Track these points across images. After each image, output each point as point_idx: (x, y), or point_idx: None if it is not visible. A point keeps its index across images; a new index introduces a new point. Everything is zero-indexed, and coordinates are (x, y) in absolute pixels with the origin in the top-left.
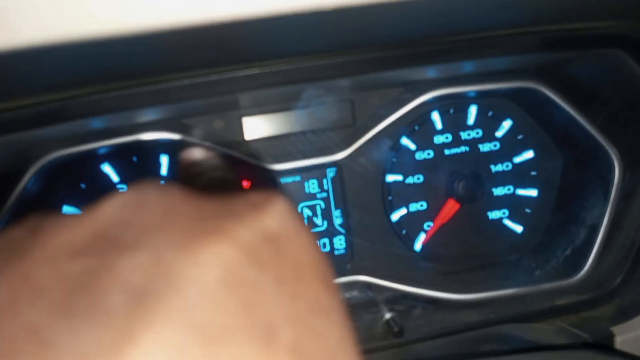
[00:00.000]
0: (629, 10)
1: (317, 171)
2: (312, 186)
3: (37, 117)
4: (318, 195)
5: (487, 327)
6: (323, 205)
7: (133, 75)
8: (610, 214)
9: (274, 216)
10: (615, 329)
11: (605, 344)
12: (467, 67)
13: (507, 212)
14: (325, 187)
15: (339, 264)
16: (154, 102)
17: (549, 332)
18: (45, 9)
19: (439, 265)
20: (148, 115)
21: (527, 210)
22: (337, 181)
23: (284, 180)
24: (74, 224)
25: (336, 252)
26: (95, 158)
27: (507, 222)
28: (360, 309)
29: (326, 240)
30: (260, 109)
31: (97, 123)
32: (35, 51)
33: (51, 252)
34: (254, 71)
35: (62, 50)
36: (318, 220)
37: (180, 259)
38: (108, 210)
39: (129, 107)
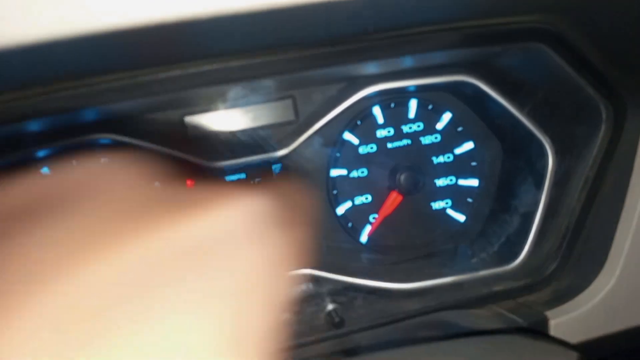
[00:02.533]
0: (547, 5)
1: (262, 168)
2: (257, 183)
3: None
4: None
5: (427, 315)
6: None
7: (65, 76)
8: (545, 201)
9: None
10: (549, 313)
11: (538, 329)
12: (406, 62)
13: (449, 202)
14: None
15: None
16: (89, 103)
17: (486, 318)
18: None
19: (385, 256)
20: (86, 117)
21: (469, 200)
22: (282, 177)
23: (230, 178)
24: None
25: None
26: (33, 162)
27: (450, 212)
28: (303, 302)
29: None
30: (203, 107)
31: (33, 126)
32: None
33: None
34: (192, 70)
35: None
36: None
37: None
38: None
39: (65, 110)
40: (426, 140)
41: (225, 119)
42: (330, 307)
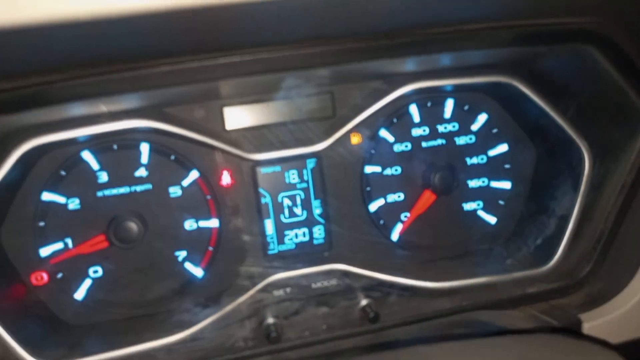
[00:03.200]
0: (597, 8)
1: (297, 161)
2: (292, 176)
3: (18, 101)
4: (298, 186)
5: (460, 314)
6: (303, 196)
7: (112, 60)
8: (580, 205)
9: None
10: (583, 316)
11: (573, 329)
12: (445, 60)
13: (481, 203)
14: (305, 177)
15: (318, 253)
16: (133, 88)
17: (520, 319)
18: None
19: (415, 254)
20: (129, 102)
21: (501, 202)
22: (316, 172)
23: (264, 170)
24: None
25: (315, 242)
26: (75, 145)
27: (481, 214)
28: (337, 296)
29: (305, 230)
30: (241, 99)
31: (78, 110)
32: (20, 31)
33: None
34: (235, 59)
35: (44, 31)
36: (297, 210)
37: None
38: None
39: (108, 93)
40: (461, 140)
41: (262, 112)
42: (364, 302)
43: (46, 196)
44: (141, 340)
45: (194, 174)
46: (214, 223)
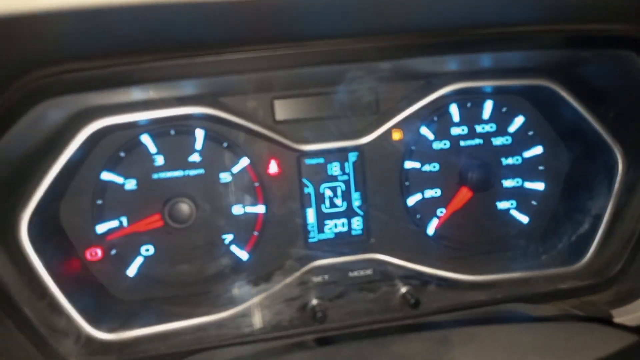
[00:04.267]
0: None
1: (340, 154)
2: (334, 168)
3: (91, 81)
4: (339, 178)
5: (495, 305)
6: (344, 187)
7: (179, 47)
8: (613, 206)
9: None
10: (613, 312)
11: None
12: (486, 63)
13: (514, 203)
14: (347, 169)
15: (356, 243)
16: (196, 74)
17: (552, 312)
18: None
19: (450, 248)
20: (188, 89)
21: (534, 203)
22: (358, 165)
23: (309, 161)
24: None
25: (353, 232)
26: (135, 128)
27: (514, 213)
28: (378, 282)
29: (345, 220)
30: (291, 92)
31: (141, 94)
32: (101, 12)
33: None
34: (290, 51)
35: (122, 14)
36: (338, 201)
37: None
38: None
39: (173, 78)
40: (497, 141)
41: (310, 106)
42: (404, 289)
43: (105, 176)
44: (193, 315)
45: (244, 161)
46: (260, 209)
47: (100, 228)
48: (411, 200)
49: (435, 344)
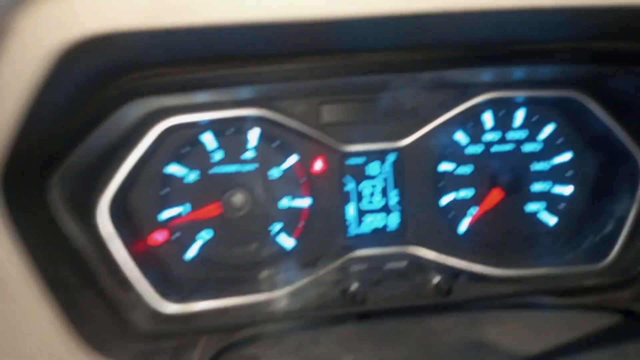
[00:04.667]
0: None
1: (380, 155)
2: (374, 168)
3: (170, 85)
4: (378, 177)
5: (524, 297)
6: (382, 186)
7: (243, 57)
8: (636, 209)
9: None
10: (635, 307)
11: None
12: (519, 74)
13: (543, 205)
14: (386, 169)
15: (392, 237)
16: (254, 81)
17: (576, 304)
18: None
19: (480, 245)
20: (247, 94)
21: (562, 205)
22: (396, 165)
23: (351, 161)
24: None
25: (390, 227)
26: (198, 127)
27: (543, 215)
28: (412, 271)
29: (382, 216)
30: (337, 97)
31: (206, 96)
32: (196, 30)
33: None
34: (336, 62)
35: (210, 31)
36: (376, 199)
37: None
38: None
39: (235, 84)
40: (528, 147)
41: (353, 110)
42: (437, 279)
43: (170, 168)
44: (246, 293)
45: (292, 159)
46: (305, 202)
47: (164, 215)
48: (444, 200)
49: (466, 322)
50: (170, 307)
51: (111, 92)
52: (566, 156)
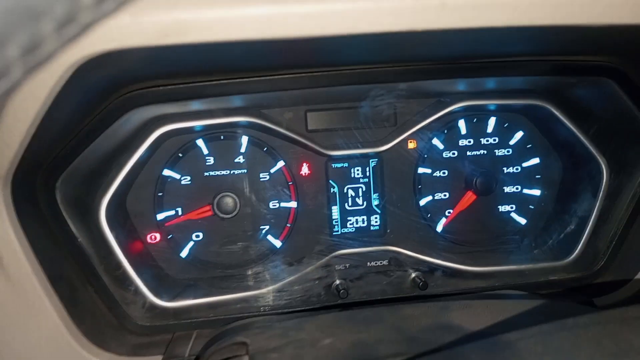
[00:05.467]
0: (616, 50)
1: (362, 160)
2: (356, 172)
3: (168, 94)
4: (361, 180)
5: (493, 291)
6: (364, 188)
7: (235, 70)
8: (598, 209)
9: None
10: (595, 300)
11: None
12: (490, 85)
13: (514, 206)
14: (367, 173)
15: (374, 237)
16: (243, 91)
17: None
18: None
19: (456, 243)
20: (236, 102)
21: (531, 207)
22: (377, 169)
23: (335, 165)
24: None
25: (372, 228)
26: (192, 134)
27: (514, 215)
28: (392, 268)
29: (364, 217)
30: (321, 106)
31: (199, 106)
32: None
33: None
34: (320, 74)
35: (207, 48)
36: (359, 200)
37: None
38: None
39: (233, 93)
40: (499, 152)
41: (337, 118)
42: (414, 274)
43: (166, 172)
44: (236, 290)
45: (280, 164)
46: (292, 204)
47: (160, 216)
48: (423, 201)
49: (437, 309)
50: (165, 304)
51: (115, 101)
52: (534, 160)
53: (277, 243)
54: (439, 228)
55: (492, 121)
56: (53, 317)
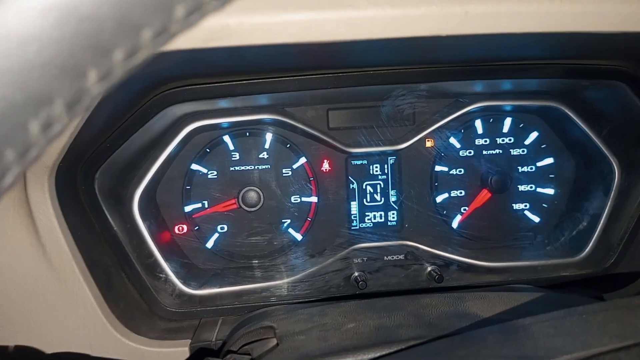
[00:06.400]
0: (628, 55)
1: (381, 157)
2: (375, 169)
3: (202, 93)
4: (379, 177)
5: (505, 285)
6: (382, 185)
7: (272, 70)
8: (609, 208)
9: None
10: (605, 296)
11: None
12: (507, 86)
13: (528, 205)
14: (386, 170)
15: (391, 232)
16: (277, 89)
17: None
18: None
19: (470, 239)
20: (262, 101)
21: (544, 205)
22: (395, 167)
23: (354, 162)
24: None
25: (389, 223)
26: (219, 130)
27: (527, 213)
28: (408, 261)
29: (382, 213)
30: (343, 105)
31: (228, 103)
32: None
33: None
34: (348, 75)
35: (240, 51)
36: (377, 197)
37: None
38: None
39: (262, 92)
40: (514, 152)
41: (358, 116)
42: (430, 267)
43: (194, 166)
44: (260, 279)
45: (302, 160)
46: (313, 199)
47: (187, 208)
48: (439, 198)
49: (453, 299)
50: (192, 291)
51: (153, 99)
52: (548, 160)
53: (298, 236)
54: (455, 224)
55: (507, 121)
56: (90, 301)
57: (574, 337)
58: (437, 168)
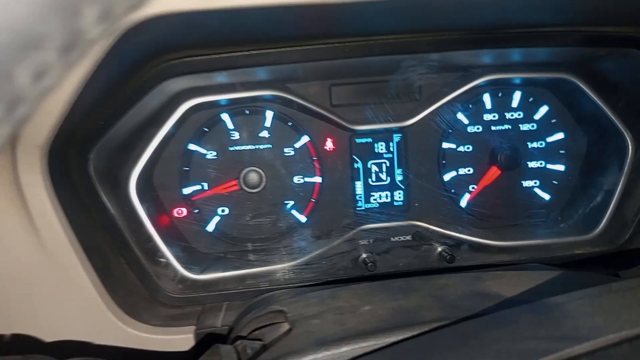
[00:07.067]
0: None
1: (386, 135)
2: (380, 147)
3: (196, 65)
4: (384, 155)
5: (518, 265)
6: (388, 164)
7: (270, 39)
8: (623, 183)
9: None
10: (620, 273)
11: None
12: (516, 57)
13: (538, 182)
14: (391, 148)
15: (398, 212)
16: (276, 61)
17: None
18: None
19: (479, 218)
20: (262, 75)
21: (555, 182)
22: (401, 144)
23: (359, 140)
24: None
25: (395, 203)
26: (217, 108)
27: (537, 191)
28: (417, 242)
29: (388, 193)
30: (346, 80)
31: (227, 78)
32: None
33: None
34: (353, 44)
35: (239, 14)
36: (382, 176)
37: None
38: None
39: (260, 64)
40: (524, 127)
41: (361, 92)
42: (440, 248)
43: (191, 147)
44: (264, 263)
45: (304, 139)
46: (317, 179)
47: (186, 190)
48: (447, 177)
49: (470, 279)
50: (195, 276)
51: (149, 72)
52: (559, 135)
53: (302, 218)
54: (463, 203)
55: (517, 95)
56: (88, 287)
57: (617, 316)
58: (445, 145)
